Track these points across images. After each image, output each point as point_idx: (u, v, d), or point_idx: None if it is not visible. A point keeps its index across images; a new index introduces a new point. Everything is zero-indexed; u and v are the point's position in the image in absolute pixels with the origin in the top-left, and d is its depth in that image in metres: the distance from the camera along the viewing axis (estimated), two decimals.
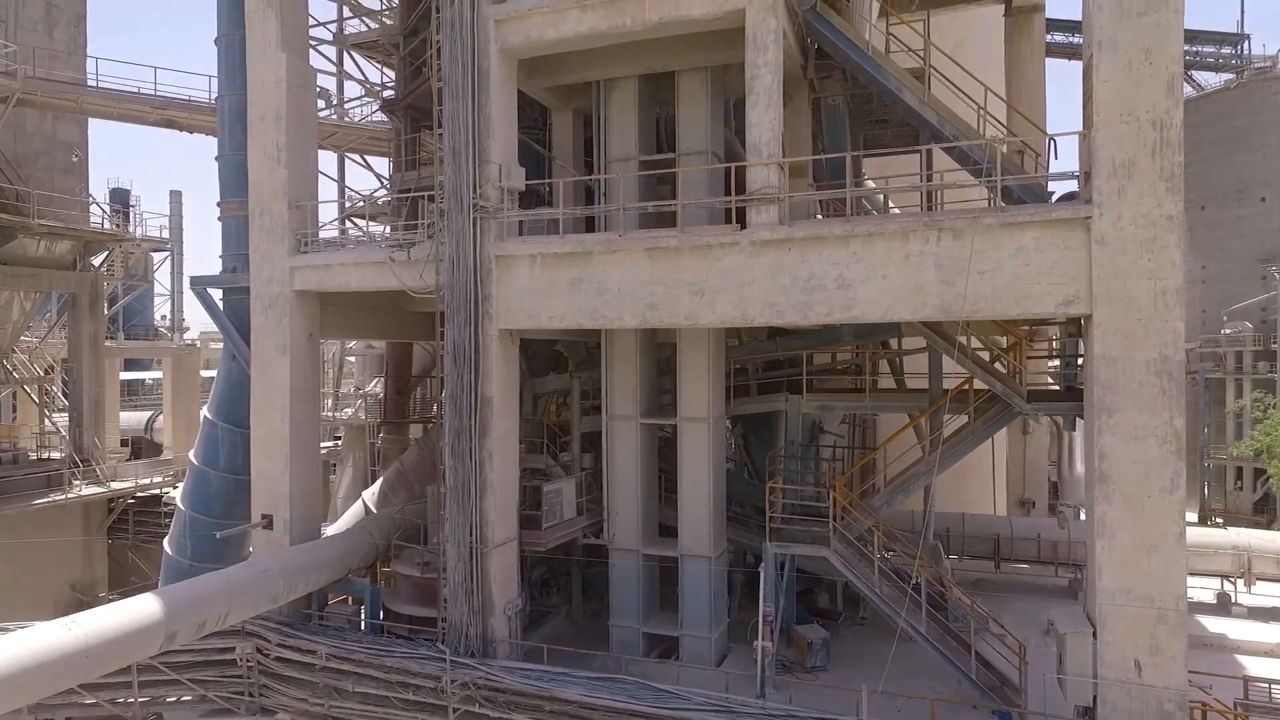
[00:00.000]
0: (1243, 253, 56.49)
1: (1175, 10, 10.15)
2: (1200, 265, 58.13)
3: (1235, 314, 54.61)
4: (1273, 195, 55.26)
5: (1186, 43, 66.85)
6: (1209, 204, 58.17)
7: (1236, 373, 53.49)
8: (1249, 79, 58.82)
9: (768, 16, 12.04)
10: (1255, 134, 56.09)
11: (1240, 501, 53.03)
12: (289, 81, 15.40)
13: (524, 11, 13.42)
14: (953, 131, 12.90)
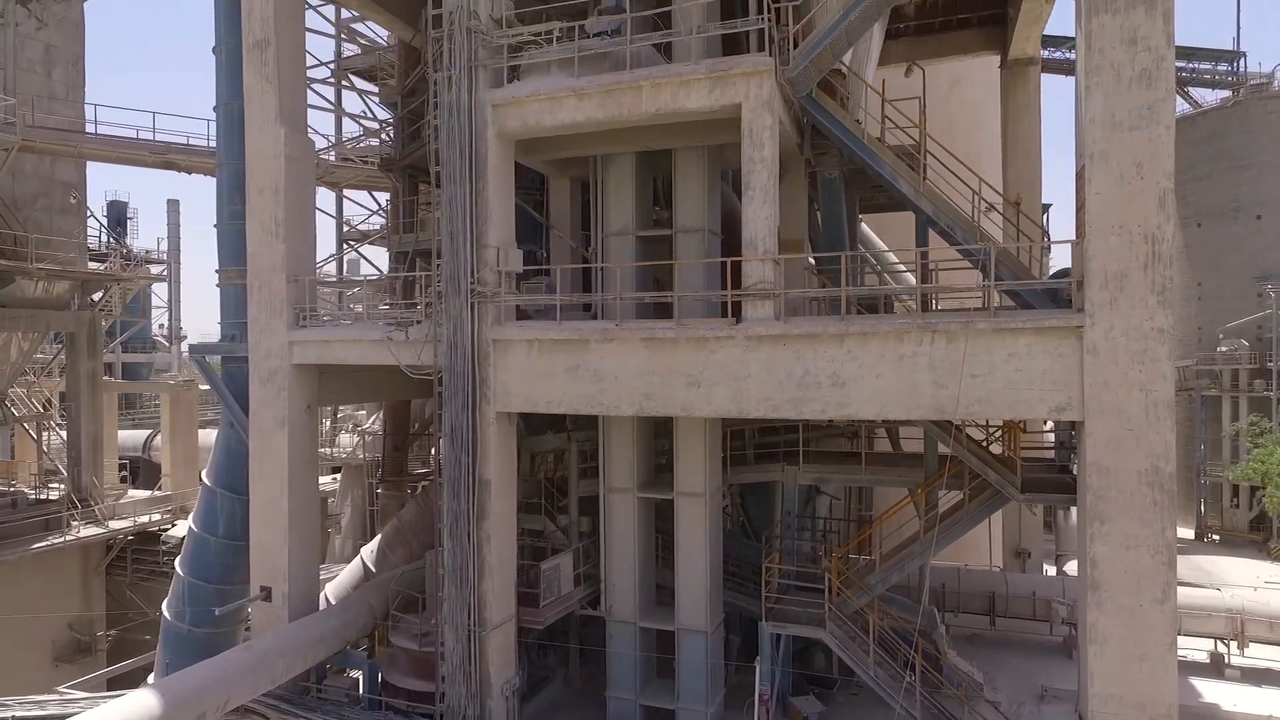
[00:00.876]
0: (1238, 270, 56.63)
1: (1166, 127, 10.25)
2: (1196, 282, 58.27)
3: (1231, 332, 54.79)
4: (1268, 213, 55.41)
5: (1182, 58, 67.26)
6: (1205, 221, 58.27)
7: (1232, 390, 53.70)
8: (1245, 97, 58.96)
9: (764, 113, 12.13)
10: (1251, 152, 56.23)
11: (1236, 519, 53.28)
12: (287, 155, 15.47)
13: (522, 98, 13.49)
14: (948, 223, 13.00)
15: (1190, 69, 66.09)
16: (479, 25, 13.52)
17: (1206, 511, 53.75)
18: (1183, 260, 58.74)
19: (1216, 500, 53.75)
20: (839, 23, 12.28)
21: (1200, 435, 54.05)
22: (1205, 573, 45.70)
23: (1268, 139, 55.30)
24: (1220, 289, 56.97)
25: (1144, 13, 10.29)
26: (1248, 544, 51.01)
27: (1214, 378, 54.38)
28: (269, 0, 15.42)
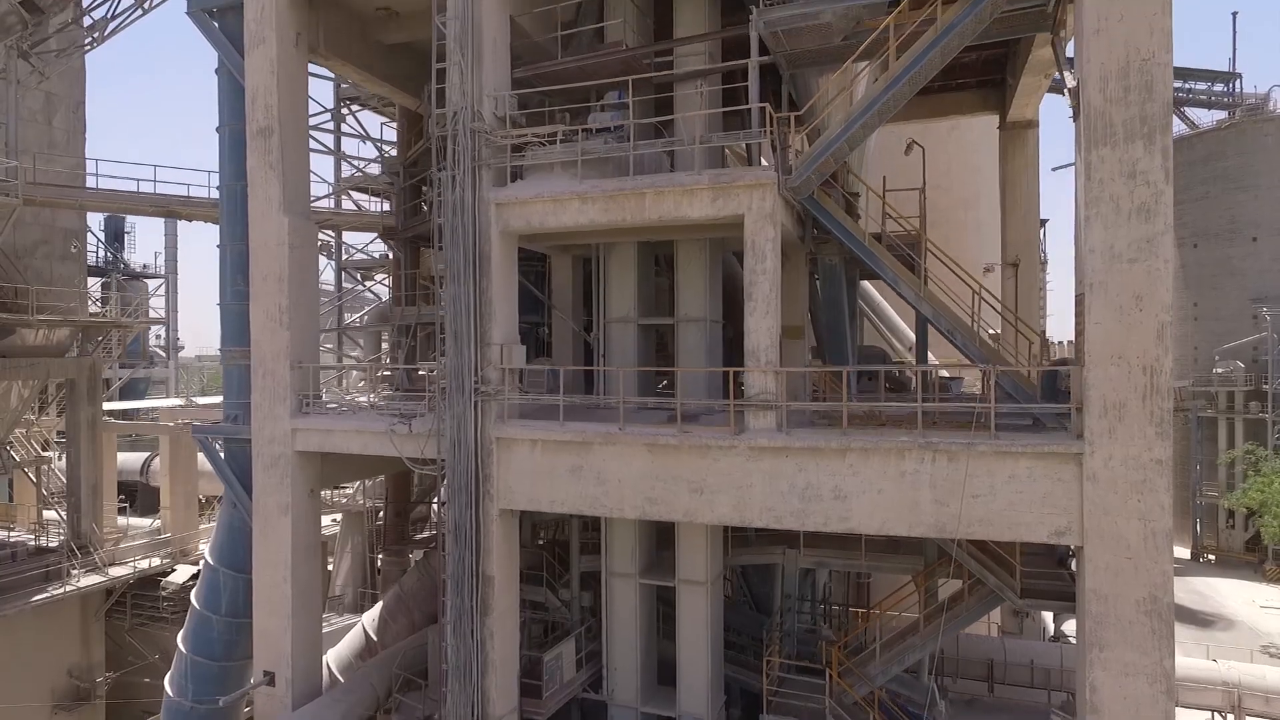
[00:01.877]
0: (1234, 291, 56.85)
1: (1165, 261, 10.35)
2: (1192, 303, 58.51)
3: (1227, 353, 55.03)
4: (1264, 235, 55.63)
5: (1179, 79, 67.47)
6: (1201, 242, 58.49)
7: (1228, 412, 53.97)
8: (1241, 119, 59.20)
9: (766, 226, 12.24)
10: (1247, 174, 56.47)
11: (1231, 540, 53.57)
12: (291, 244, 15.54)
13: (526, 199, 13.58)
14: (948, 327, 13.10)
15: (1186, 89, 66.40)
16: (483, 126, 13.61)
17: (1202, 532, 54.04)
18: (1179, 280, 59.04)
19: (1212, 521, 54.04)
20: (841, 135, 12.38)
21: (1196, 456, 54.35)
22: (1201, 596, 46.00)
23: (1264, 162, 55.55)
24: (1216, 310, 57.20)
25: (1143, 147, 10.40)
26: (1243, 565, 51.32)
27: (1210, 399, 54.65)
28: (272, 89, 15.50)
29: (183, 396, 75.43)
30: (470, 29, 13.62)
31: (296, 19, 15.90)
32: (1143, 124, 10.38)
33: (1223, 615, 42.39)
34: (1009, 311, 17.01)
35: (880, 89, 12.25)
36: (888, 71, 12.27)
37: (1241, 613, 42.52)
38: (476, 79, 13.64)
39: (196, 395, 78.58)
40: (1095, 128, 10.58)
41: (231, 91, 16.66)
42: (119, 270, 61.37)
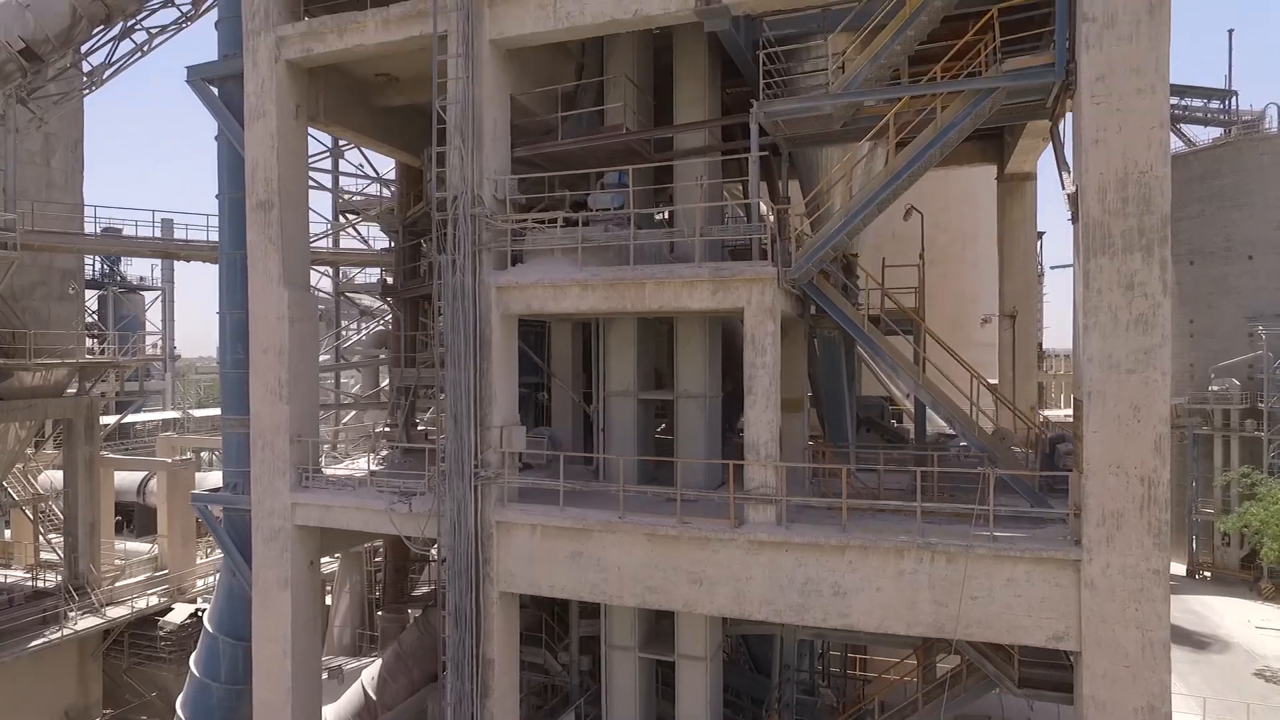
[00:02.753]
0: (1230, 309, 56.95)
1: (1163, 373, 10.41)
2: (1188, 320, 58.65)
3: (1222, 371, 55.16)
4: (1260, 254, 55.75)
5: (1175, 95, 67.68)
6: (1197, 259, 58.58)
7: (1224, 429, 54.12)
8: (1237, 138, 59.35)
9: (766, 320, 12.28)
10: (1243, 193, 56.61)
11: (1227, 557, 53.70)
12: (291, 317, 15.55)
13: (526, 284, 13.62)
14: (946, 415, 13.16)
15: (1183, 106, 66.55)
16: (483, 210, 13.63)
17: (1198, 549, 54.20)
18: (1175, 297, 59.19)
19: (1208, 537, 54.17)
20: (840, 229, 12.44)
21: (1192, 473, 54.51)
22: (1197, 615, 46.08)
23: (1259, 181, 55.70)
24: (1212, 327, 57.35)
25: (1141, 259, 10.46)
26: (1239, 582, 51.46)
27: (1206, 416, 54.82)
28: (272, 164, 15.51)
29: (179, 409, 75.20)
30: (470, 113, 13.66)
31: (297, 91, 15.92)
32: (1141, 236, 10.44)
33: (1218, 637, 42.46)
34: (1008, 405, 16.97)
35: (880, 183, 12.31)
36: (888, 166, 12.32)
37: (1237, 634, 42.60)
38: (476, 163, 13.68)
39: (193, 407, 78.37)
40: (1094, 237, 10.63)
41: (231, 159, 16.65)
42: (116, 284, 61.20)
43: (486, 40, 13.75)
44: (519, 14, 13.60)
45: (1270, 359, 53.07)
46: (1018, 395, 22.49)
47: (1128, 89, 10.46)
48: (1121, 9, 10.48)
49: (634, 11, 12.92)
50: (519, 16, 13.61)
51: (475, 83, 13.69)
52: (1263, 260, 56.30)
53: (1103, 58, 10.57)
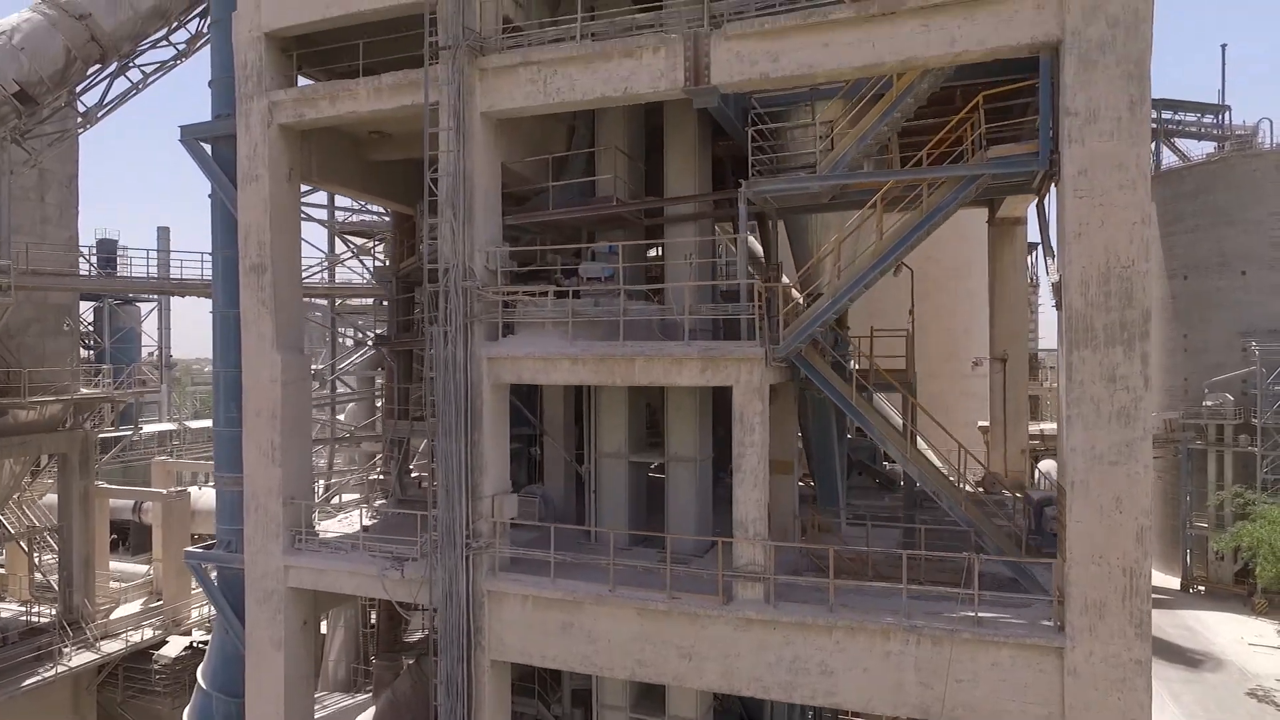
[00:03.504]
0: (1223, 324, 57.21)
1: (1145, 466, 10.54)
2: (1182, 334, 58.90)
3: (1216, 386, 55.37)
4: (1253, 269, 55.96)
5: (1169, 110, 68.05)
6: (1191, 274, 58.85)
7: (1218, 444, 54.35)
8: (1230, 154, 59.61)
9: (754, 399, 12.39)
10: (1236, 208, 56.86)
11: (1221, 571, 53.92)
12: (284, 380, 15.63)
13: (518, 356, 13.72)
14: (934, 488, 13.28)
15: (1176, 121, 66.91)
16: (475, 283, 13.73)
17: (1192, 563, 54.41)
18: (1169, 311, 59.55)
19: (1202, 552, 54.37)
20: (828, 309, 12.56)
21: (1185, 487, 54.74)
22: (1191, 631, 46.28)
23: (1252, 196, 55.95)
24: (1206, 342, 57.57)
25: (1123, 353, 10.59)
26: (1232, 597, 51.68)
27: (1200, 431, 55.05)
28: (265, 228, 15.58)
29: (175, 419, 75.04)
30: (461, 186, 13.76)
31: (289, 154, 16.00)
32: (1123, 330, 10.57)
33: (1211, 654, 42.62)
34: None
35: (867, 265, 12.43)
36: (875, 248, 12.45)
37: (1230, 651, 42.77)
38: (468, 235, 13.78)
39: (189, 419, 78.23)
40: (1076, 329, 10.77)
41: (224, 217, 16.72)
42: (112, 295, 61.14)
43: (478, 113, 13.85)
44: (510, 88, 13.70)
45: (1263, 375, 53.29)
46: (1009, 438, 22.65)
47: (1109, 184, 10.59)
48: (1103, 105, 10.62)
49: (624, 90, 13.03)
50: (510, 91, 13.71)
51: (466, 155, 13.79)
52: (1256, 276, 56.56)
53: (1084, 152, 10.70)
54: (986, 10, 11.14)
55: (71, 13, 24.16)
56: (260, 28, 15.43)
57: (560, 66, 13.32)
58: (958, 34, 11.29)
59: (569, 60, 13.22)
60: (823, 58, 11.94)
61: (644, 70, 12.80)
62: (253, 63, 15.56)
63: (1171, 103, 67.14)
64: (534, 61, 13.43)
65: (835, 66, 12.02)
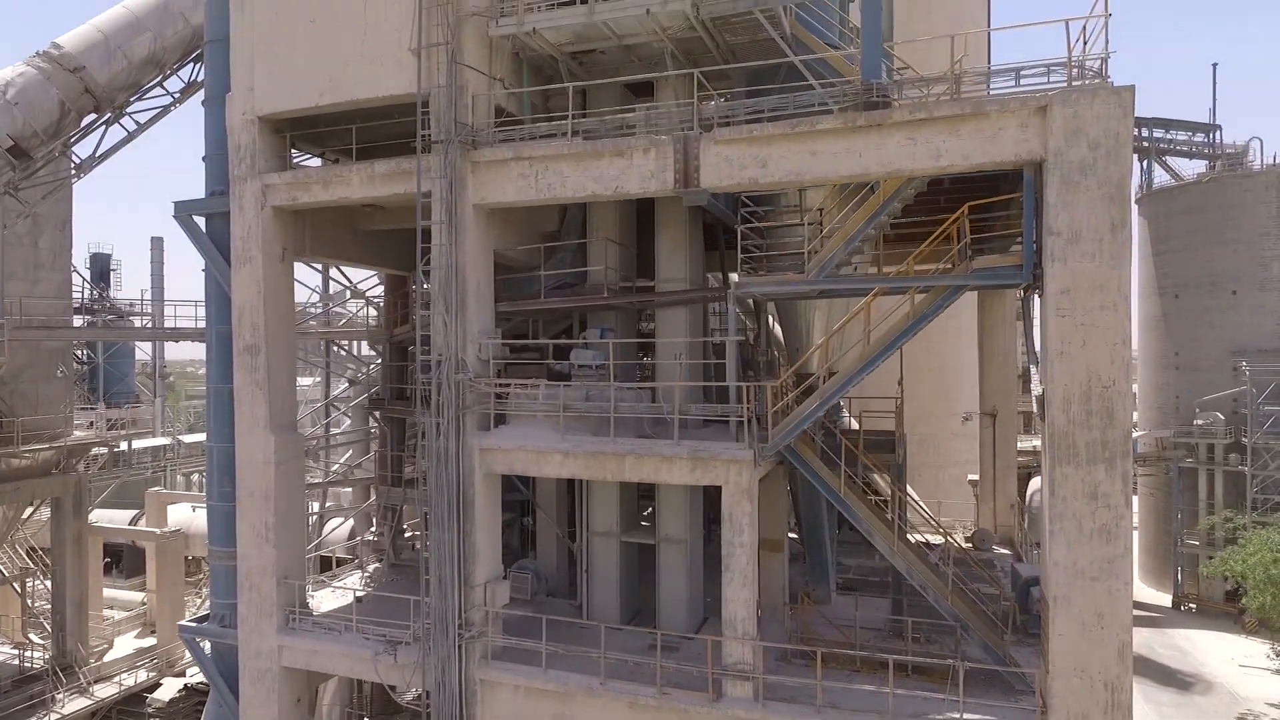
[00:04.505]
0: (1214, 343, 57.53)
1: (1125, 583, 10.72)
2: (1174, 352, 59.26)
3: (1207, 405, 55.71)
4: (1243, 289, 56.30)
5: (1160, 128, 68.48)
6: (1182, 293, 59.17)
7: (1209, 463, 54.73)
8: (1220, 174, 59.99)
9: (743, 500, 12.54)
10: (1226, 228, 57.19)
11: (1212, 589, 54.25)
12: (278, 461, 15.72)
13: (510, 449, 13.86)
14: (920, 581, 13.44)
15: (1168, 139, 67.32)
16: (467, 375, 13.86)
17: (1183, 580, 54.75)
18: (1160, 329, 59.96)
19: (1193, 569, 54.71)
20: (817, 410, 12.72)
21: (1176, 504, 55.11)
22: (1181, 652, 46.54)
23: (1243, 217, 56.29)
24: (1197, 360, 57.90)
25: (1104, 471, 10.76)
26: (1223, 615, 52.02)
27: (1191, 449, 55.40)
28: (259, 309, 15.68)
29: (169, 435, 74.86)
30: (453, 278, 13.88)
31: (283, 234, 16.09)
32: (1104, 449, 10.75)
33: (1201, 676, 42.89)
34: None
35: (855, 369, 12.60)
36: (862, 352, 12.61)
37: (1221, 673, 43.02)
38: (460, 327, 13.91)
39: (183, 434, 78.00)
40: (1059, 446, 10.94)
41: (218, 294, 16.79)
42: (105, 309, 60.93)
43: (470, 205, 13.98)
44: (501, 182, 13.83)
45: (1254, 395, 53.63)
46: (998, 492, 22.87)
47: (1091, 304, 10.77)
48: (1085, 226, 10.79)
49: (614, 188, 13.18)
50: (501, 185, 13.84)
51: (458, 248, 13.92)
52: (1246, 295, 56.91)
53: (1067, 272, 10.88)
54: (971, 127, 11.31)
55: (66, 66, 24.27)
56: (254, 111, 15.53)
57: (552, 163, 13.45)
58: (943, 148, 11.46)
59: (561, 157, 13.36)
60: (810, 166, 12.10)
61: (634, 170, 12.94)
62: (246, 145, 15.65)
63: (1163, 121, 67.58)
64: (526, 157, 13.57)
65: (822, 174, 12.19)
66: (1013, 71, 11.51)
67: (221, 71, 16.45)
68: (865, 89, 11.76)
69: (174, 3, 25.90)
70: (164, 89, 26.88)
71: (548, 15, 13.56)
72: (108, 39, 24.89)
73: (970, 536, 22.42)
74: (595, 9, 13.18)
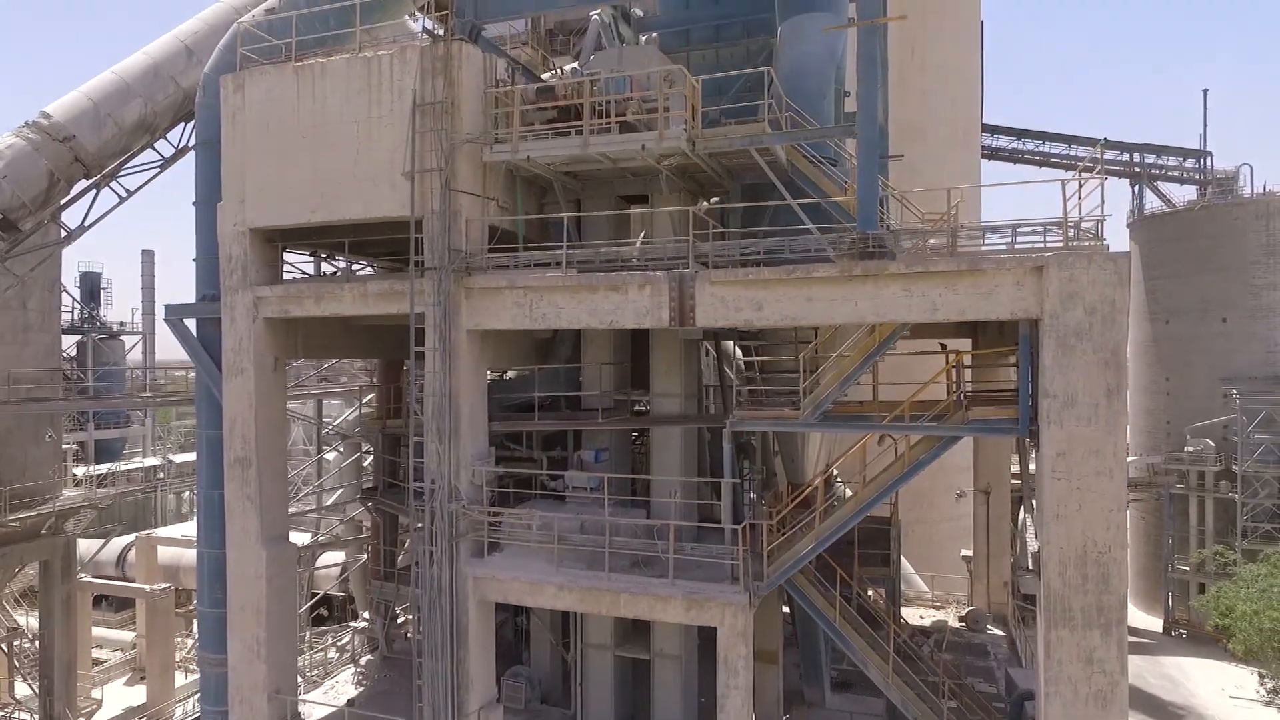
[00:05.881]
0: (1204, 369, 57.82)
1: None
2: (1164, 377, 59.51)
3: (1198, 432, 55.97)
4: (1234, 317, 56.59)
5: (1152, 154, 68.91)
6: (1173, 319, 59.49)
7: (1199, 490, 54.99)
8: (1211, 201, 60.33)
9: (738, 644, 12.49)
10: (1217, 256, 57.50)
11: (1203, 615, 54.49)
12: (269, 576, 15.59)
13: (504, 579, 13.78)
14: (914, 715, 13.42)
15: (1159, 165, 67.69)
16: (460, 502, 13.76)
17: (1174, 605, 54.99)
18: (1151, 355, 60.28)
19: (1184, 595, 54.96)
20: (812, 552, 12.68)
21: (1168, 530, 55.36)
22: (1172, 682, 46.74)
23: (1233, 245, 56.61)
24: (1187, 386, 58.18)
25: (1100, 636, 10.75)
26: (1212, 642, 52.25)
27: (1181, 476, 55.67)
28: (250, 421, 15.54)
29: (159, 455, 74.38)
30: (447, 406, 13.78)
31: (275, 343, 15.96)
32: (1100, 614, 10.74)
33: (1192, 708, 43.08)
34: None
35: (849, 514, 12.56)
36: (856, 497, 12.58)
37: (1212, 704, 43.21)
38: (453, 454, 13.80)
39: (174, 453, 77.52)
40: (1054, 609, 10.93)
41: (208, 397, 16.63)
42: (95, 329, 60.41)
43: (464, 330, 13.88)
44: (496, 309, 13.74)
45: (1244, 423, 53.89)
46: (991, 570, 22.91)
47: (1087, 470, 10.76)
48: (1081, 390, 10.78)
49: (609, 321, 13.10)
50: (496, 312, 13.75)
51: (452, 373, 13.82)
52: (1236, 323, 57.22)
53: (1063, 435, 10.86)
54: (968, 282, 11.28)
55: (55, 136, 23.97)
56: (245, 223, 15.39)
57: (547, 293, 13.37)
58: (939, 301, 11.43)
59: (556, 289, 13.27)
60: (806, 311, 12.06)
61: (630, 305, 12.87)
62: (238, 257, 15.51)
63: (1154, 147, 68.02)
64: (521, 286, 13.48)
65: (818, 319, 12.16)
66: (1009, 227, 11.49)
67: (211, 175, 16.29)
68: (862, 239, 11.72)
69: (165, 66, 25.62)
70: (155, 150, 26.63)
71: (543, 145, 13.49)
72: (97, 106, 24.59)
73: (964, 617, 22.48)
74: (590, 141, 13.10)
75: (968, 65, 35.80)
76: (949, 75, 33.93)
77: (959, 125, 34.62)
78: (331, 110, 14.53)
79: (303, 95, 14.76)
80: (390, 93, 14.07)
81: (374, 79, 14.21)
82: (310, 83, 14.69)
